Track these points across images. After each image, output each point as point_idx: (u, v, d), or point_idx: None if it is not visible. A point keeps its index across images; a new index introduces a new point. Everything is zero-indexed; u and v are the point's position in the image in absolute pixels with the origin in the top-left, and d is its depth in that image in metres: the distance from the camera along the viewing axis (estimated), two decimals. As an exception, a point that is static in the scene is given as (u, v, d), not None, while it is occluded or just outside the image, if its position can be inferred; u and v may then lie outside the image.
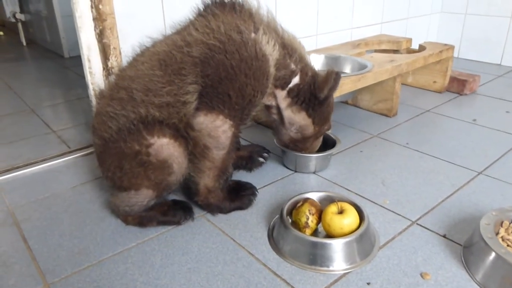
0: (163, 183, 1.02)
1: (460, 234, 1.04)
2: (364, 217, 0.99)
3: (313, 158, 1.32)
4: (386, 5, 2.39)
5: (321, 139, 1.31)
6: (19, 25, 3.56)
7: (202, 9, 1.06)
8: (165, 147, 0.99)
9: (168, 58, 0.99)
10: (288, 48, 1.11)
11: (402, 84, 2.16)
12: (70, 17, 2.94)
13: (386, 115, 1.80)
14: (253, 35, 1.01)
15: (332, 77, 1.12)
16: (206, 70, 0.97)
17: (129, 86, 1.00)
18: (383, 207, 1.15)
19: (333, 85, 1.13)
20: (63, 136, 1.66)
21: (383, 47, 2.15)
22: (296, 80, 1.14)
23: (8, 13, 3.50)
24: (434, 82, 2.09)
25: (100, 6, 1.31)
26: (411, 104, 1.94)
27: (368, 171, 1.35)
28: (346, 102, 1.95)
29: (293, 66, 1.12)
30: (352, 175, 1.33)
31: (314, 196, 1.09)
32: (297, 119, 1.19)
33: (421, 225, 1.07)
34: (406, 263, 0.94)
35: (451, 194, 1.21)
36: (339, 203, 1.01)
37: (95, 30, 1.36)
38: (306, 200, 1.04)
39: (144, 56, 1.04)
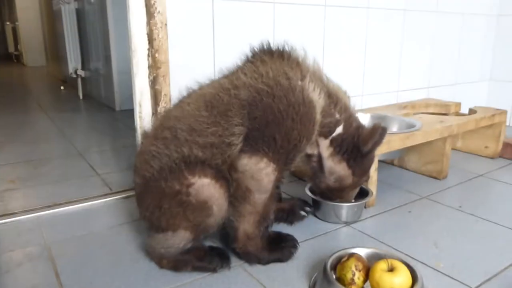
0: (202, 225, 0.99)
1: (530, 307, 0.91)
2: (417, 278, 0.90)
3: (344, 207, 1.28)
4: (434, 69, 2.38)
5: (358, 189, 1.27)
6: (79, 80, 3.83)
7: (250, 56, 1.09)
8: (206, 187, 0.97)
9: (215, 99, 1.00)
10: (333, 97, 1.11)
11: (451, 148, 2.07)
12: (125, 74, 3.14)
13: (435, 178, 1.71)
14: (300, 82, 1.01)
15: (378, 131, 1.10)
16: (254, 113, 0.97)
17: (174, 126, 1.01)
18: (437, 270, 1.05)
19: (378, 139, 1.11)
20: (107, 179, 1.69)
21: (431, 110, 2.10)
22: (339, 129, 1.12)
23: (71, 70, 3.79)
24: (486, 147, 1.99)
25: (156, 55, 1.38)
26: (462, 168, 1.84)
27: (417, 231, 1.26)
28: (392, 163, 1.88)
29: (337, 115, 1.11)
30: (400, 235, 1.23)
31: (361, 252, 1.01)
32: (337, 169, 1.15)
33: (482, 294, 0.96)
34: (467, 335, 0.83)
35: (515, 263, 1.09)
36: (389, 260, 0.92)
37: (149, 77, 1.42)
38: (352, 255, 0.97)
39: (190, 97, 1.07)
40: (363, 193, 1.36)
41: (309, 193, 1.34)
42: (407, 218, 1.35)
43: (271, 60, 1.04)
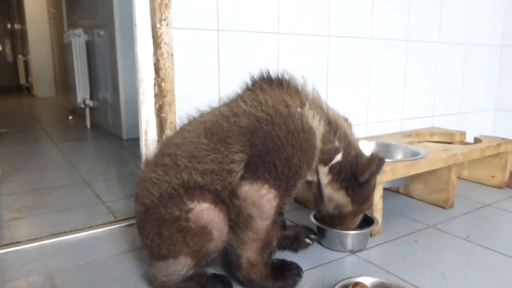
0: (202, 250, 0.98)
1: None
2: (424, 308, 0.88)
3: (350, 235, 1.27)
4: (438, 98, 2.40)
5: (359, 217, 1.25)
6: (87, 110, 3.90)
7: (250, 84, 1.11)
8: (205, 212, 0.97)
9: (215, 127, 1.02)
10: (333, 125, 1.11)
11: (457, 177, 2.06)
12: (132, 103, 3.20)
13: (442, 207, 1.69)
14: (299, 109, 1.02)
15: (375, 162, 1.10)
16: (254, 140, 0.98)
17: (174, 152, 1.02)
18: (445, 301, 1.02)
19: (374, 170, 1.10)
20: (112, 207, 1.69)
21: (435, 139, 2.11)
22: (338, 157, 1.12)
23: (79, 100, 3.87)
24: (493, 176, 1.98)
25: (163, 84, 1.41)
26: (468, 197, 1.82)
27: (424, 262, 1.23)
28: (397, 191, 1.87)
29: (336, 143, 1.11)
30: (406, 265, 1.21)
31: (366, 281, 1.00)
32: (336, 197, 1.15)
33: (492, 326, 0.93)
34: None
35: (525, 294, 1.06)
36: (395, 290, 0.90)
37: (155, 106, 1.45)
38: (356, 284, 0.95)
39: (191, 125, 1.08)
40: (369, 221, 1.35)
41: (314, 221, 1.33)
42: (413, 247, 1.33)
43: (270, 88, 1.06)
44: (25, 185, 2.01)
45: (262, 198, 0.99)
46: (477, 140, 1.97)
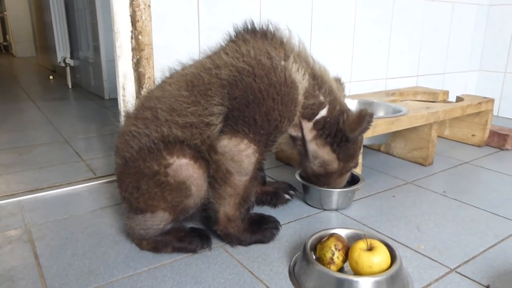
0: (180, 205, 0.98)
1: (507, 285, 0.92)
2: (396, 257, 0.90)
3: (335, 194, 1.25)
4: (422, 58, 2.38)
5: (346, 176, 1.25)
6: (68, 69, 3.79)
7: (233, 36, 1.07)
8: (184, 167, 0.96)
9: (196, 79, 0.99)
10: (318, 79, 1.09)
11: (439, 136, 2.08)
12: (113, 61, 3.11)
13: (421, 164, 1.71)
14: (283, 62, 0.99)
15: (366, 119, 1.07)
16: (234, 93, 0.96)
17: (155, 106, 1.00)
18: (417, 251, 1.05)
19: (365, 127, 1.09)
20: (92, 165, 1.68)
21: (419, 98, 2.11)
22: (323, 112, 1.10)
23: (59, 58, 3.75)
24: (473, 135, 2.00)
25: (140, 37, 1.36)
26: (448, 155, 1.85)
27: (401, 215, 1.26)
28: (378, 150, 1.88)
29: (321, 98, 1.09)
30: (383, 218, 1.24)
31: (341, 232, 1.01)
32: (321, 153, 1.14)
33: (461, 274, 0.96)
34: (444, 312, 0.83)
35: (495, 244, 1.09)
36: (369, 240, 0.92)
37: (132, 60, 1.40)
38: (332, 235, 0.97)
39: (172, 78, 1.05)
40: (355, 181, 1.33)
41: (299, 179, 1.30)
42: (391, 202, 1.35)
43: (254, 39, 1.03)
44: (3, 144, 1.97)
45: (241, 153, 0.98)
46: (459, 99, 1.98)
